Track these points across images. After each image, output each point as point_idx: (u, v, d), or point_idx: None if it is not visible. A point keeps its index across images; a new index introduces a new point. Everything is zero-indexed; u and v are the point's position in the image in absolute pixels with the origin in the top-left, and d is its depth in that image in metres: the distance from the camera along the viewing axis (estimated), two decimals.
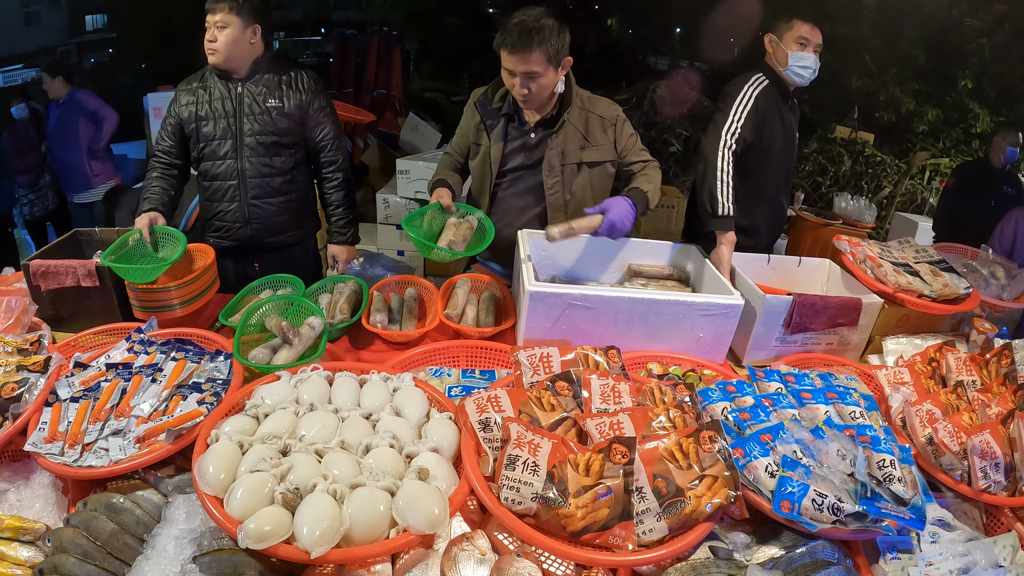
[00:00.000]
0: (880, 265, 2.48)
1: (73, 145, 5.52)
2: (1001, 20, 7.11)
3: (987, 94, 7.44)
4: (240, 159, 2.81)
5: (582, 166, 2.64)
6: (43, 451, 1.65)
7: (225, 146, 2.81)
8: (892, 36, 7.66)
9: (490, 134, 2.65)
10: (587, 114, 2.61)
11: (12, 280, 2.57)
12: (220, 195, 2.87)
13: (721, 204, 2.77)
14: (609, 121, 2.63)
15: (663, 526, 1.46)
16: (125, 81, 11.24)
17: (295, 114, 2.84)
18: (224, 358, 2.03)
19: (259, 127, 2.79)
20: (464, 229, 2.41)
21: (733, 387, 1.88)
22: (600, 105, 2.64)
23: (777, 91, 3.03)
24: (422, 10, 9.27)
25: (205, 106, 2.79)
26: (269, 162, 2.84)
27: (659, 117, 7.52)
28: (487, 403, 1.69)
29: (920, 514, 1.52)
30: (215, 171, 2.84)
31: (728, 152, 2.85)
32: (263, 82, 2.81)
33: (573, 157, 2.62)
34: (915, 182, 6.92)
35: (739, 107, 2.92)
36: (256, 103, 2.78)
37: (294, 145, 2.90)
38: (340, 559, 1.37)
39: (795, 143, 3.19)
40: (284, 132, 2.83)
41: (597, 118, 2.62)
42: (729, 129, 2.88)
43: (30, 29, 13.01)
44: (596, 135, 2.62)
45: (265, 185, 2.87)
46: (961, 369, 2.15)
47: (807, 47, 2.92)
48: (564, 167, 2.62)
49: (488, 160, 2.67)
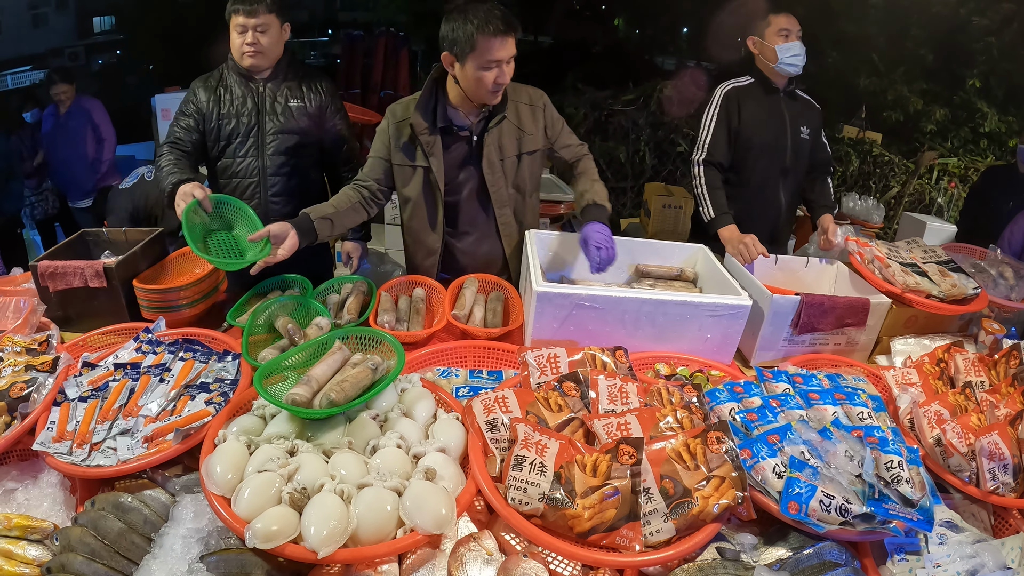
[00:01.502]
0: (888, 265, 2.47)
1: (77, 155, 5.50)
2: (1009, 19, 7.07)
3: (995, 93, 7.40)
4: (261, 157, 2.85)
5: (522, 156, 2.59)
6: (51, 450, 1.66)
7: (247, 144, 2.84)
8: (900, 35, 7.64)
9: (428, 152, 2.51)
10: (516, 104, 2.55)
11: (21, 280, 2.58)
12: (239, 192, 2.89)
13: (704, 213, 3.01)
14: (538, 108, 2.58)
15: (670, 527, 1.45)
16: (133, 82, 11.28)
17: (315, 114, 2.89)
18: (232, 358, 2.04)
19: (281, 126, 2.83)
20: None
21: (741, 388, 1.88)
22: (526, 93, 2.58)
23: (761, 88, 3.09)
24: (429, 11, 9.29)
25: (227, 104, 2.81)
26: (289, 161, 2.88)
27: (666, 117, 7.51)
28: (494, 403, 1.70)
29: (928, 515, 1.51)
30: (235, 168, 2.87)
31: (700, 162, 3.10)
32: (285, 83, 2.85)
33: (511, 149, 2.56)
34: (923, 182, 6.88)
35: (707, 117, 3.13)
36: (279, 102, 2.83)
37: (311, 145, 2.93)
38: (347, 559, 1.37)
39: (797, 136, 3.15)
40: (304, 132, 2.87)
41: (527, 107, 2.56)
42: (699, 141, 3.12)
43: (38, 31, 13.07)
44: (527, 123, 2.56)
45: (285, 183, 2.91)
46: (969, 370, 2.14)
47: (790, 36, 2.98)
48: (504, 161, 2.57)
49: (431, 179, 2.55)
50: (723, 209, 2.97)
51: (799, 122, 3.15)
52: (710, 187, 3.02)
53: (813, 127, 3.19)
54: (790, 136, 3.12)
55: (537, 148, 2.61)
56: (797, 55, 2.98)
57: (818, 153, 3.23)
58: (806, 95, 3.25)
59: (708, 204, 2.99)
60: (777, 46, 2.96)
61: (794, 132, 3.13)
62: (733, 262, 2.68)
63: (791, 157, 3.15)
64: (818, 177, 3.23)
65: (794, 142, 3.13)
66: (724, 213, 2.95)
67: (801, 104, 3.19)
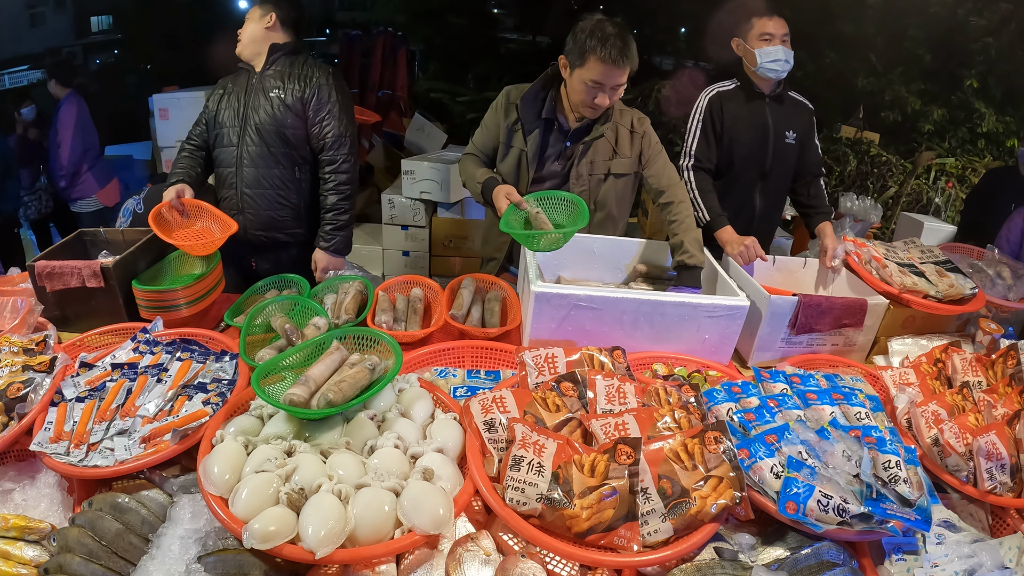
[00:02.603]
0: (885, 266, 2.47)
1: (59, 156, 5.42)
2: (1007, 19, 7.07)
3: (993, 93, 7.40)
4: (241, 146, 2.88)
5: (608, 177, 2.65)
6: (49, 451, 1.66)
7: (232, 132, 2.88)
8: (897, 35, 7.63)
9: (527, 137, 2.61)
10: (616, 125, 2.62)
11: (18, 280, 2.57)
12: (223, 182, 2.95)
13: (699, 217, 2.98)
14: (638, 134, 2.64)
15: (668, 527, 1.46)
16: (131, 82, 11.24)
17: (296, 107, 2.84)
18: (229, 358, 2.03)
19: (262, 116, 2.84)
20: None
21: (738, 388, 1.88)
22: (630, 117, 2.65)
23: (743, 92, 3.09)
24: (427, 11, 9.26)
25: (227, 96, 2.90)
26: (267, 152, 2.86)
27: (664, 117, 7.50)
28: (492, 404, 1.70)
29: (925, 515, 1.52)
30: (221, 157, 2.94)
31: (689, 167, 3.10)
32: (274, 72, 2.87)
33: (601, 168, 2.63)
34: (921, 182, 6.88)
35: (692, 123, 3.14)
36: (263, 92, 2.84)
37: (298, 139, 2.89)
38: (345, 559, 1.37)
39: (781, 140, 3.13)
40: (285, 124, 2.84)
41: (626, 131, 2.63)
42: (685, 147, 3.15)
43: (35, 30, 13.04)
44: (624, 147, 2.63)
45: (259, 174, 2.88)
46: (967, 370, 2.14)
47: (773, 40, 2.95)
48: (592, 176, 2.63)
49: (524, 163, 2.65)
50: (717, 212, 2.97)
51: (784, 127, 3.11)
52: (701, 191, 3.03)
53: (801, 130, 3.16)
54: (772, 141, 3.10)
55: (627, 172, 2.66)
56: (778, 60, 2.93)
57: (808, 155, 3.20)
58: (799, 96, 3.23)
59: (702, 207, 3.00)
60: (757, 50, 2.94)
61: (777, 137, 3.10)
62: (731, 263, 2.68)
63: (771, 162, 3.13)
64: (810, 181, 3.21)
65: (776, 147, 3.11)
66: (719, 215, 2.95)
67: (789, 107, 3.16)
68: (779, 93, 3.11)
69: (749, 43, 2.98)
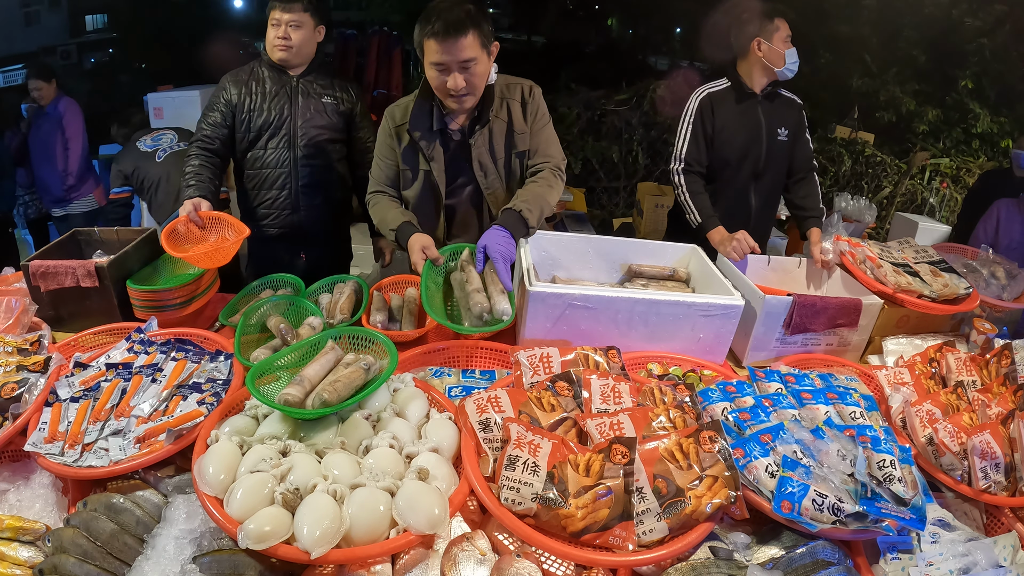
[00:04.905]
0: (880, 265, 2.48)
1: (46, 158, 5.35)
2: (1001, 20, 7.11)
3: (987, 94, 7.44)
4: (293, 148, 2.97)
5: (513, 157, 2.51)
6: (43, 451, 1.65)
7: (279, 135, 2.95)
8: (892, 36, 7.66)
9: (428, 156, 2.47)
10: (508, 102, 2.46)
11: (12, 280, 2.56)
12: (270, 183, 3.01)
13: (691, 220, 3.03)
14: (530, 103, 2.49)
15: (663, 526, 1.46)
16: (125, 81, 11.21)
17: (346, 113, 3.07)
18: (224, 358, 2.03)
19: (314, 119, 2.96)
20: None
21: (733, 387, 1.88)
22: (519, 89, 2.49)
23: (735, 92, 3.12)
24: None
25: (257, 98, 2.94)
26: (320, 153, 3.01)
27: (659, 117, 7.53)
28: (487, 403, 1.69)
29: (920, 514, 1.52)
30: (266, 159, 2.98)
31: (680, 171, 3.13)
32: (318, 80, 3.00)
33: (502, 151, 2.49)
34: (915, 182, 6.91)
35: (682, 125, 3.17)
36: (312, 97, 2.98)
37: (340, 142, 3.10)
38: (340, 559, 1.37)
39: (773, 138, 3.15)
40: (334, 128, 3.04)
41: (518, 103, 2.47)
42: (675, 150, 3.18)
43: (30, 29, 13.00)
44: (518, 121, 2.48)
45: (315, 174, 3.03)
46: (961, 369, 2.15)
47: (789, 42, 3.03)
48: (496, 162, 2.51)
49: (432, 182, 2.52)
50: (709, 213, 2.98)
51: (776, 124, 3.15)
52: (692, 193, 3.05)
53: (792, 126, 3.18)
54: (765, 139, 3.13)
55: (528, 147, 2.53)
56: (796, 61, 3.03)
57: (800, 150, 3.22)
58: (788, 93, 3.25)
59: (693, 210, 3.02)
60: (787, 51, 2.99)
61: (770, 135, 3.13)
62: (725, 262, 2.68)
63: (765, 161, 3.16)
64: (803, 177, 3.22)
65: (769, 145, 3.14)
66: (710, 217, 2.97)
67: (779, 104, 3.19)
68: (770, 91, 3.14)
69: (775, 44, 2.99)
